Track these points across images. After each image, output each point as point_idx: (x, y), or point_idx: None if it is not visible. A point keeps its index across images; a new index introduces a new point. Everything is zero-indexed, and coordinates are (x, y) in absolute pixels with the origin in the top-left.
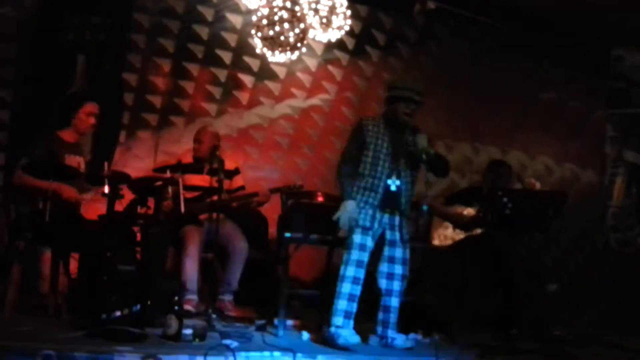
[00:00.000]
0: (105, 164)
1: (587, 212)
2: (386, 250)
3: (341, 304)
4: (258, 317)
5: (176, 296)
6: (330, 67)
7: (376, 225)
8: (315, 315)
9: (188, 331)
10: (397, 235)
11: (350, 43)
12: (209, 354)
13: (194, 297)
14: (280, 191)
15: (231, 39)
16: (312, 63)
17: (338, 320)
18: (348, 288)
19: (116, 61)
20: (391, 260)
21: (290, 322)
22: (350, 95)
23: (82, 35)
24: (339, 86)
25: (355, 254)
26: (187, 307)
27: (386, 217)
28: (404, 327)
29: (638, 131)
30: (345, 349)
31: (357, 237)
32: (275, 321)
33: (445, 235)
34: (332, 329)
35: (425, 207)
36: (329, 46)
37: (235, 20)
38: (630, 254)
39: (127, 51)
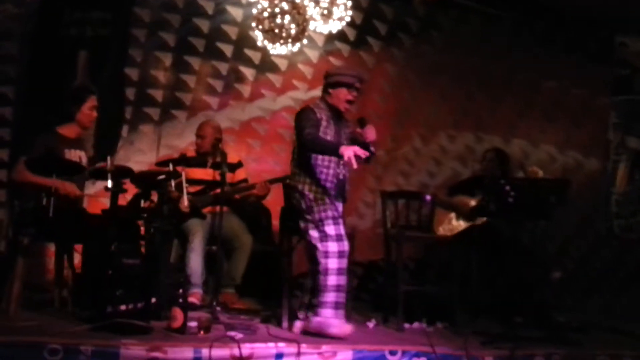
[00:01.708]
0: (108, 158)
1: (590, 199)
2: None
3: (329, 297)
4: (262, 309)
5: (181, 289)
6: (331, 59)
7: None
8: None
9: (193, 323)
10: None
11: (351, 34)
12: (214, 346)
13: (198, 289)
14: (279, 181)
15: (232, 31)
16: (313, 55)
17: (328, 312)
18: (334, 280)
19: (117, 56)
20: None
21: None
22: None
23: (83, 31)
24: None
25: (334, 245)
26: (192, 299)
27: (336, 206)
28: (408, 315)
29: None
30: (338, 337)
31: (331, 229)
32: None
33: (449, 226)
34: (323, 319)
35: (428, 197)
36: (330, 37)
37: (236, 13)
38: (633, 240)
39: (128, 46)
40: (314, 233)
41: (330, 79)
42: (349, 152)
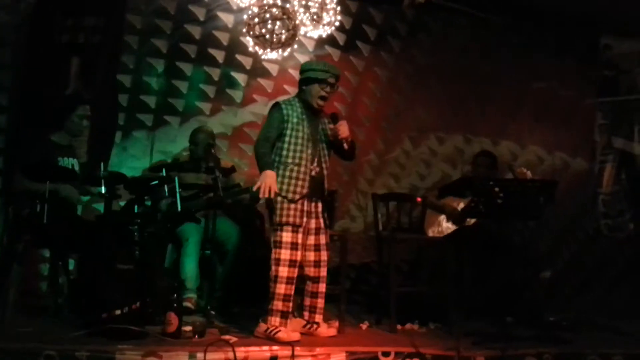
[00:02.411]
0: (102, 164)
1: (578, 199)
2: (312, 239)
3: (277, 305)
4: (256, 313)
5: (175, 294)
6: None
7: (305, 218)
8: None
9: (188, 328)
10: (322, 222)
11: (341, 39)
12: (209, 350)
13: (193, 294)
14: None
15: (223, 37)
16: (304, 59)
17: (275, 321)
18: (283, 289)
19: (110, 63)
20: (318, 248)
21: None
22: (342, 90)
23: (75, 38)
24: None
25: (287, 254)
26: (186, 304)
27: (312, 205)
28: (400, 317)
29: (627, 118)
30: (288, 343)
31: (287, 236)
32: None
33: (439, 228)
34: (270, 326)
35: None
36: (320, 42)
37: (227, 19)
38: (621, 239)
39: (120, 52)
40: (271, 237)
41: (302, 74)
42: (262, 183)
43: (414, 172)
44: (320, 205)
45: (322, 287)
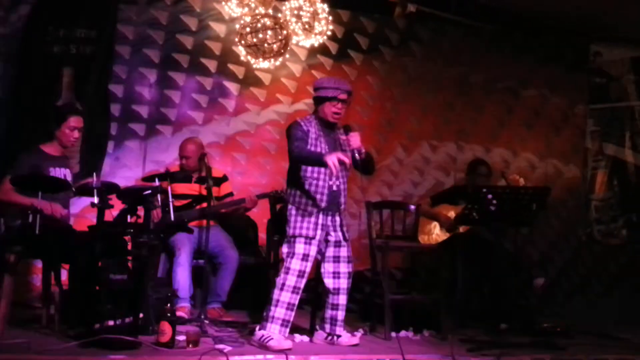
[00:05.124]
0: (94, 174)
1: (570, 206)
2: (331, 251)
3: (279, 312)
4: (251, 322)
5: (168, 303)
6: (314, 72)
7: (319, 231)
8: (307, 317)
9: (181, 337)
10: (340, 234)
11: (333, 48)
12: (203, 359)
13: (186, 303)
14: (267, 197)
15: (215, 47)
16: (296, 69)
17: (275, 328)
18: (288, 297)
19: (102, 73)
20: (336, 260)
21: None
22: None
23: (67, 49)
24: None
25: (297, 264)
26: (180, 313)
27: (329, 219)
28: (395, 324)
29: (618, 125)
30: (280, 351)
31: (299, 247)
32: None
33: (431, 234)
34: (265, 334)
35: (412, 207)
36: (313, 51)
37: (219, 28)
38: (614, 245)
39: (112, 63)
40: (284, 248)
41: (314, 93)
42: (332, 158)
43: (407, 180)
44: (338, 218)
45: (343, 299)
